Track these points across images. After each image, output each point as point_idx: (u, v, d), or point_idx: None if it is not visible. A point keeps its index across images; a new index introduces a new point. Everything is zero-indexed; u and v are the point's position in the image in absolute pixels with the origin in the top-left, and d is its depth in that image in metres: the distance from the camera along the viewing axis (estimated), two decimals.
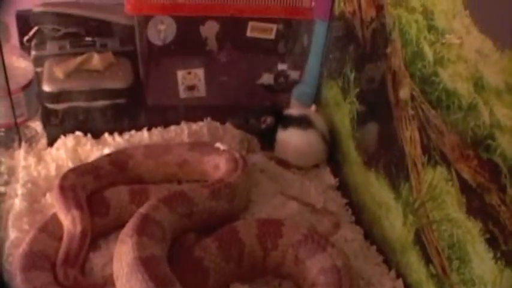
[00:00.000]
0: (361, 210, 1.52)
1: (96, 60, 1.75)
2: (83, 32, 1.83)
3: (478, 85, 1.03)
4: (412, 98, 1.24)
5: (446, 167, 1.13)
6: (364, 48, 1.48)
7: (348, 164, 1.60)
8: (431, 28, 1.17)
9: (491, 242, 1.01)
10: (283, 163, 1.68)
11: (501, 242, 0.99)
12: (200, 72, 1.83)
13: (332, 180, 1.65)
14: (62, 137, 1.70)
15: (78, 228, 1.33)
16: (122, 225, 1.28)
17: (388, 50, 1.34)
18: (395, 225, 1.34)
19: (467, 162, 1.06)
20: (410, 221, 1.27)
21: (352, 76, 1.55)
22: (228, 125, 1.79)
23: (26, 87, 1.67)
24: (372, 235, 1.46)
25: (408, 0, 1.24)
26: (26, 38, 1.81)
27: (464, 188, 1.08)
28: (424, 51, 1.19)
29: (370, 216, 1.47)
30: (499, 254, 0.99)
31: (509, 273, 0.97)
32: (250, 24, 1.78)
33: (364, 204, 1.50)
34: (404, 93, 1.27)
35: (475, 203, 1.05)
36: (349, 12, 1.56)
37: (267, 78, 1.88)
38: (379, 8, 1.38)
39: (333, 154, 1.69)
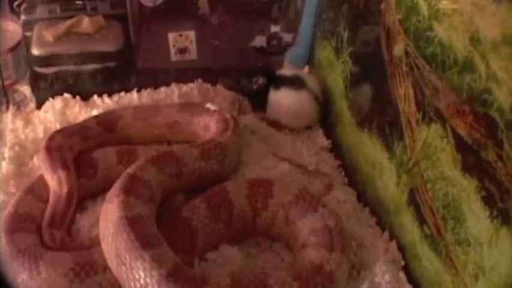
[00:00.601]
0: (354, 171, 1.51)
1: (86, 23, 1.74)
2: None
3: (474, 38, 1.00)
4: (407, 54, 1.21)
5: (441, 124, 1.11)
6: (357, 6, 1.46)
7: (340, 125, 1.58)
8: None
9: (487, 200, 1.00)
10: (275, 124, 1.67)
11: (497, 200, 0.97)
12: (191, 34, 1.81)
13: (325, 141, 1.64)
14: (50, 99, 1.69)
15: (64, 189, 1.33)
16: (109, 187, 1.28)
17: (382, 6, 1.31)
18: (389, 185, 1.32)
19: (463, 117, 1.04)
20: (404, 181, 1.26)
21: (345, 35, 1.53)
22: (219, 86, 1.77)
23: (13, 48, 1.67)
24: (365, 196, 1.45)
25: None
26: (16, 2, 1.79)
27: (460, 144, 1.06)
28: (419, 5, 1.16)
29: (364, 177, 1.45)
30: (495, 212, 0.98)
31: (506, 232, 0.95)
32: None
33: (357, 166, 1.48)
34: (398, 49, 1.25)
35: (471, 160, 1.03)
36: None
37: (259, 41, 1.85)
38: None
39: (325, 115, 1.68)
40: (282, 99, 1.64)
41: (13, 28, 1.71)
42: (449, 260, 1.11)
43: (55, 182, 1.34)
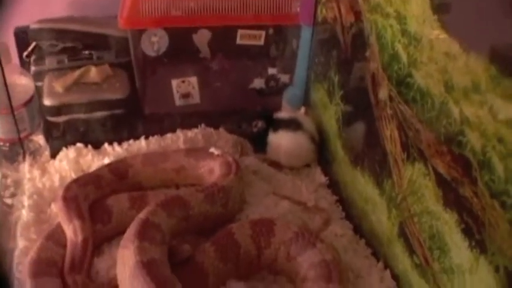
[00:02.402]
0: (351, 206, 1.56)
1: (93, 73, 1.82)
2: (79, 46, 1.89)
3: (448, 85, 1.07)
4: (390, 98, 1.28)
5: (423, 163, 1.17)
6: (345, 52, 1.52)
7: (336, 162, 1.64)
8: (404, 32, 1.21)
9: (467, 232, 1.06)
10: (275, 164, 1.72)
11: (475, 232, 1.03)
12: (194, 80, 1.88)
13: (322, 178, 1.69)
14: (64, 149, 1.74)
15: (80, 238, 1.39)
16: (123, 231, 1.33)
17: (367, 53, 1.38)
18: (381, 219, 1.38)
19: (442, 157, 1.11)
20: (394, 215, 1.32)
21: (336, 79, 1.59)
22: (221, 130, 1.83)
23: (27, 103, 1.71)
24: (361, 229, 1.50)
25: (383, 6, 1.28)
26: (25, 53, 1.87)
27: (440, 182, 1.13)
28: (399, 54, 1.23)
29: (359, 211, 1.51)
30: (473, 243, 1.04)
31: (484, 261, 1.01)
32: (240, 32, 1.83)
33: (353, 201, 1.54)
34: (383, 94, 1.31)
35: (451, 196, 1.10)
36: (331, 18, 1.60)
37: (258, 83, 1.93)
38: (357, 14, 1.42)
39: (322, 153, 1.73)
40: (281, 140, 1.71)
41: (26, 82, 1.75)
42: (437, 287, 1.18)
43: (71, 231, 1.40)
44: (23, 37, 1.90)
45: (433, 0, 1.11)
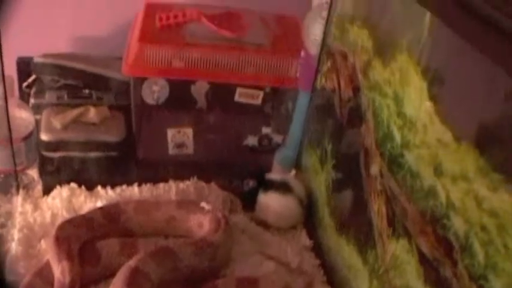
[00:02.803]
0: (333, 271, 1.59)
1: (92, 113, 1.85)
2: (80, 84, 1.94)
3: (438, 170, 1.11)
4: (381, 174, 1.31)
5: (407, 240, 1.20)
6: (341, 123, 1.56)
7: (322, 227, 1.67)
8: (400, 113, 1.24)
9: None
10: (263, 224, 1.75)
11: None
12: (189, 131, 1.92)
13: (307, 241, 1.72)
14: (58, 187, 1.77)
15: (67, 279, 1.40)
16: (111, 275, 1.37)
17: (362, 128, 1.42)
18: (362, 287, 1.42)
19: (426, 237, 1.14)
20: (375, 286, 1.35)
21: (329, 148, 1.63)
22: (213, 184, 1.86)
23: (26, 138, 1.74)
24: None
25: (382, 86, 1.33)
26: (25, 84, 1.92)
27: (423, 260, 1.15)
28: (393, 133, 1.26)
29: (341, 277, 1.54)
30: None
31: None
32: (238, 90, 1.87)
33: (336, 266, 1.57)
34: (374, 169, 1.35)
35: (432, 274, 1.12)
36: (330, 88, 1.64)
37: (251, 140, 1.97)
38: (356, 90, 1.46)
39: (309, 216, 1.76)
40: (270, 202, 1.74)
41: (26, 117, 1.77)
42: None
43: (59, 272, 1.41)
44: (24, 68, 1.95)
45: (430, 88, 1.15)
